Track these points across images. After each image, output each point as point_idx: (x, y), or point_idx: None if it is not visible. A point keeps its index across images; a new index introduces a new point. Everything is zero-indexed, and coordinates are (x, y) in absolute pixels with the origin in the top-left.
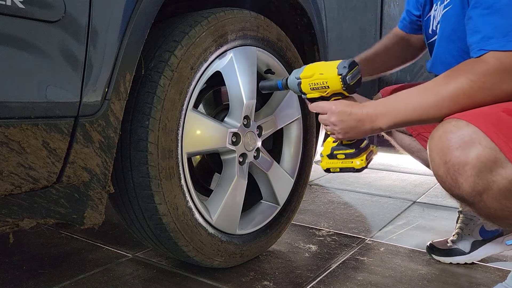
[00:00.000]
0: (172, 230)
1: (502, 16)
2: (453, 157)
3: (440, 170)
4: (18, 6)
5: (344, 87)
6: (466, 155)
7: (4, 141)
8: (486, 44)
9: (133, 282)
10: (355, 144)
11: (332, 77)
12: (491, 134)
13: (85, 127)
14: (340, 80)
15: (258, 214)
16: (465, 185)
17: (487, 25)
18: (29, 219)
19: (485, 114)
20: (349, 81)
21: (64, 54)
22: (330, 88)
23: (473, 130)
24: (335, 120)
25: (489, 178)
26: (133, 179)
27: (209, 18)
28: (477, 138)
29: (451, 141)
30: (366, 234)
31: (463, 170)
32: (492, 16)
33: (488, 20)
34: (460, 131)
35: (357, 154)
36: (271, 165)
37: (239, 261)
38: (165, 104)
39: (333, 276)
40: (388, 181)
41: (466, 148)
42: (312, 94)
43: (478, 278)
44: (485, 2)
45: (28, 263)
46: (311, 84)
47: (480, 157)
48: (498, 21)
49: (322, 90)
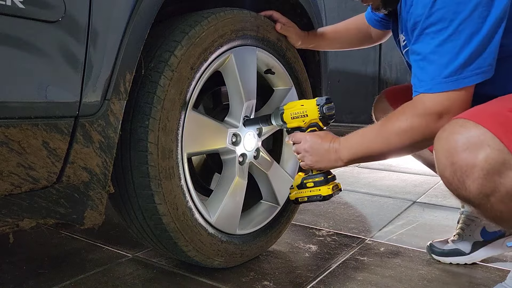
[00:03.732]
0: (172, 230)
1: (429, 63)
2: (460, 158)
3: (447, 171)
4: (18, 6)
5: (320, 116)
6: (474, 157)
7: (4, 141)
8: (419, 86)
9: (133, 282)
10: (324, 174)
11: (311, 107)
12: (500, 135)
13: (85, 127)
14: (318, 109)
15: (258, 214)
16: (473, 187)
17: (418, 70)
18: (29, 219)
19: (493, 113)
20: (325, 111)
21: (64, 54)
22: (308, 117)
23: (481, 131)
24: (307, 147)
25: (497, 181)
26: (133, 179)
27: (209, 18)
28: (486, 140)
29: (458, 142)
30: (366, 234)
31: (470, 172)
32: (422, 62)
33: (419, 65)
34: (468, 132)
35: (325, 182)
36: (271, 165)
37: (239, 261)
38: (165, 104)
39: (333, 276)
40: (388, 181)
41: (474, 149)
42: (291, 123)
43: (478, 278)
44: (416, 50)
45: (28, 263)
46: (292, 113)
47: (489, 159)
48: (427, 66)
49: (301, 119)
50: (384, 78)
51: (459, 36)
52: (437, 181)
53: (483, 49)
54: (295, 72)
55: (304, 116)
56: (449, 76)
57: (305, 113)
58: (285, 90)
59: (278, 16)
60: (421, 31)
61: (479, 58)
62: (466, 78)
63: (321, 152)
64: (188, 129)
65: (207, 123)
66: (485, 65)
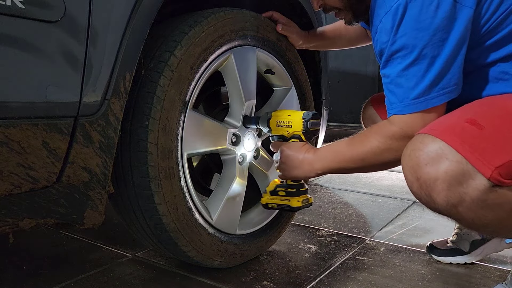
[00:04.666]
0: (172, 230)
1: (397, 86)
2: (423, 173)
3: (414, 186)
4: (18, 6)
5: (304, 130)
6: (435, 170)
7: (4, 141)
8: (390, 108)
9: (133, 282)
10: (297, 186)
11: (297, 120)
12: (457, 146)
13: (85, 127)
14: (302, 123)
15: (258, 214)
16: (439, 200)
17: (388, 92)
18: (29, 219)
19: (450, 126)
20: (309, 126)
21: (64, 54)
22: (292, 128)
23: (439, 145)
24: (282, 157)
25: (460, 191)
26: (133, 179)
27: (209, 18)
28: (443, 153)
29: (420, 158)
30: (366, 234)
31: (434, 185)
32: (391, 85)
33: (389, 88)
34: (427, 147)
35: (296, 194)
36: (271, 165)
37: (239, 261)
38: (165, 104)
39: (333, 276)
40: (388, 181)
41: (434, 163)
42: (276, 131)
43: (478, 278)
44: (385, 74)
45: (28, 263)
46: (278, 121)
47: (449, 171)
48: (395, 90)
49: (285, 129)
50: None
51: (423, 60)
52: None
53: (447, 69)
54: (295, 72)
55: (288, 126)
56: (417, 97)
57: (290, 123)
58: (285, 90)
59: (278, 16)
60: (388, 57)
61: (444, 78)
62: (433, 98)
63: (295, 164)
64: (188, 129)
65: (207, 123)
66: (451, 84)
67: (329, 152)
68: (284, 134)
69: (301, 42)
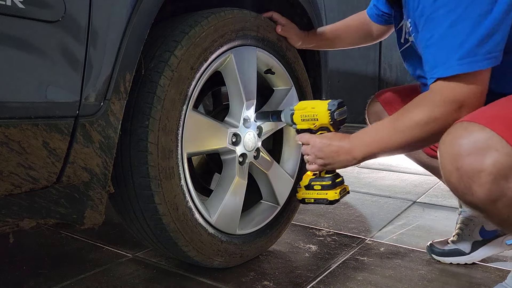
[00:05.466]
0: (172, 230)
1: (440, 47)
2: (466, 163)
3: (452, 176)
4: (18, 6)
5: (331, 121)
6: (481, 161)
7: (4, 141)
8: (433, 73)
9: (133, 282)
10: (332, 178)
11: (322, 112)
12: (508, 137)
13: (85, 127)
14: (329, 115)
15: (258, 214)
16: (479, 193)
17: (430, 56)
18: (29, 219)
19: (498, 116)
20: (336, 117)
21: (64, 54)
22: (318, 121)
23: (488, 134)
24: (315, 150)
25: (504, 185)
26: (133, 179)
27: (209, 18)
28: (493, 143)
29: (463, 146)
30: (366, 234)
31: (477, 177)
32: (433, 48)
33: (431, 52)
34: (473, 136)
35: (333, 186)
36: (271, 165)
37: (239, 261)
38: (165, 104)
39: (333, 276)
40: (388, 181)
41: (481, 154)
42: (301, 125)
43: (478, 278)
44: (425, 36)
45: (28, 263)
46: (303, 115)
47: (497, 164)
48: (438, 51)
49: (311, 122)
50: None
51: (470, 16)
52: (437, 181)
53: (494, 31)
54: (295, 72)
55: (314, 119)
56: (462, 58)
57: (315, 116)
58: (285, 90)
59: (278, 17)
60: (429, 16)
61: (490, 40)
62: (479, 62)
63: (330, 155)
64: (188, 129)
65: (207, 123)
66: (497, 50)
67: (368, 136)
68: (310, 127)
69: (300, 42)
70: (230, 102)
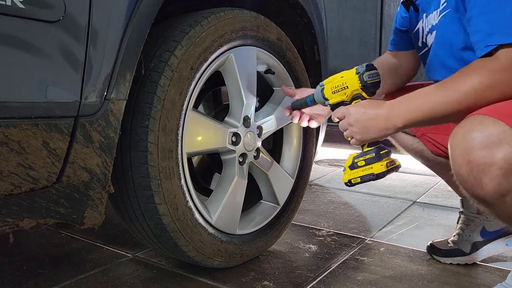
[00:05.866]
0: (172, 230)
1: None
2: (478, 157)
3: (463, 169)
4: (18, 6)
5: (361, 85)
6: (493, 155)
7: (4, 141)
8: (490, 40)
9: (133, 282)
10: (375, 150)
11: (350, 77)
12: None
13: (85, 127)
14: (358, 78)
15: (258, 214)
16: (489, 187)
17: (484, 24)
18: (29, 219)
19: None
20: (366, 79)
21: (64, 54)
22: (349, 89)
23: (502, 128)
24: (351, 120)
25: None
26: (133, 179)
27: (209, 18)
28: (506, 137)
29: (476, 140)
30: (366, 234)
31: (488, 171)
32: (490, 14)
33: (488, 19)
34: (487, 129)
35: (378, 158)
36: (271, 165)
37: (239, 261)
38: (165, 104)
39: (333, 276)
40: (388, 181)
41: (493, 147)
42: (333, 98)
43: (478, 278)
44: (480, 4)
45: (28, 263)
46: (332, 87)
47: (508, 158)
48: (495, 18)
49: (342, 93)
50: None
51: None
52: (437, 181)
53: None
54: (295, 72)
55: (344, 88)
56: None
57: (345, 84)
58: None
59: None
60: None
61: None
62: None
63: (367, 123)
64: (188, 129)
65: (207, 123)
66: None
67: (412, 101)
68: (343, 99)
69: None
70: (230, 102)
